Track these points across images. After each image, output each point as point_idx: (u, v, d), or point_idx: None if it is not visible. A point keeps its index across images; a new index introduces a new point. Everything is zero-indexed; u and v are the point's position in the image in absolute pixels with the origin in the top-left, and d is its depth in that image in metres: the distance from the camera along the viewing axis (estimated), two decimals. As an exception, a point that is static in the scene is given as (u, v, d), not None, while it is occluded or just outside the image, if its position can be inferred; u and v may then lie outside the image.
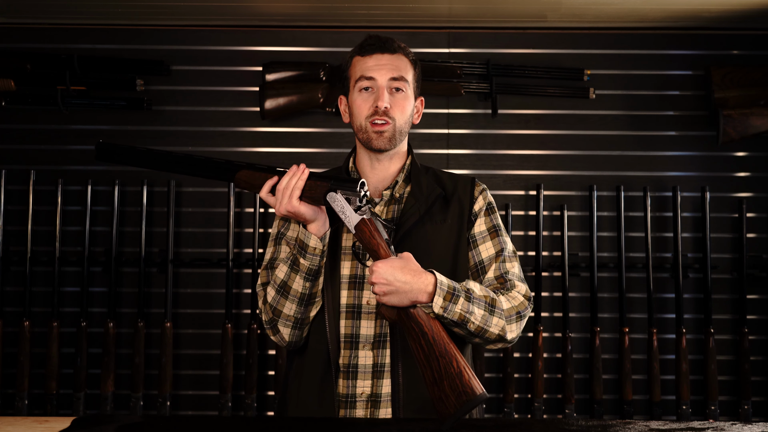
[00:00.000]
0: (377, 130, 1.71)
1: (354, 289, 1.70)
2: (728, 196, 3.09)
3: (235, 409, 3.00)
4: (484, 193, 1.79)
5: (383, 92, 1.72)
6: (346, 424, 1.52)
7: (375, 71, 1.73)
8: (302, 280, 1.64)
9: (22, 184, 3.04)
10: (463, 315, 1.60)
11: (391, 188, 1.77)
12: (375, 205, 1.76)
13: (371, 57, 1.75)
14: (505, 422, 1.56)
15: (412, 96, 1.77)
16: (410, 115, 1.77)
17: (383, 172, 1.78)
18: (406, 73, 1.75)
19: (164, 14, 3.01)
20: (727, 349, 3.05)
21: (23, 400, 2.90)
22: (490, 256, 1.73)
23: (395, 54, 1.75)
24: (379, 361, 1.67)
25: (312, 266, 1.63)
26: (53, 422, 1.56)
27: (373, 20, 3.06)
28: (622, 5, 2.85)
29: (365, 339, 1.68)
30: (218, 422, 1.66)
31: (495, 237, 1.75)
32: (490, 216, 1.77)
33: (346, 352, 1.68)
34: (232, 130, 3.12)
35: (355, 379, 1.67)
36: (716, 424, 1.44)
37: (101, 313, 3.04)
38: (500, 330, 1.64)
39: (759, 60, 3.10)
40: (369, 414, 1.66)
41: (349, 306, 1.69)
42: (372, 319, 1.68)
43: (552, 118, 3.13)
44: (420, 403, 1.64)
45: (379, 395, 1.66)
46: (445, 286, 1.59)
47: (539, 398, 2.94)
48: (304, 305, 1.67)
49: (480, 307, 1.62)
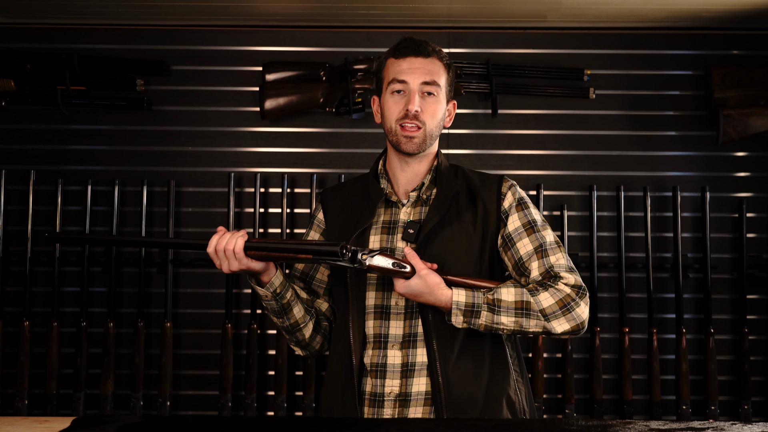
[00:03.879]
0: (407, 135, 1.73)
1: (383, 291, 1.73)
2: (728, 196, 3.09)
3: (235, 409, 3.00)
4: (512, 189, 1.79)
5: (414, 96, 1.73)
6: (346, 424, 1.52)
7: (408, 74, 1.74)
8: (275, 317, 1.76)
9: (22, 184, 3.04)
10: (489, 326, 1.65)
11: (418, 189, 1.79)
12: (403, 206, 1.79)
13: (405, 60, 1.76)
14: (505, 422, 1.56)
15: (444, 100, 1.78)
16: (441, 118, 1.78)
17: (412, 173, 1.80)
18: (438, 77, 1.76)
19: (164, 14, 3.01)
20: (727, 349, 3.05)
21: (23, 400, 2.90)
22: (528, 252, 1.72)
23: (429, 57, 1.76)
24: (409, 360, 1.69)
25: (273, 308, 1.73)
26: (53, 422, 1.56)
27: (373, 20, 3.06)
28: (622, 5, 2.85)
29: (394, 339, 1.70)
30: (218, 422, 1.66)
31: (531, 233, 1.74)
32: (524, 211, 1.76)
33: (374, 352, 1.71)
34: (232, 130, 3.12)
35: (383, 378, 1.69)
36: (716, 424, 1.44)
37: (101, 313, 3.04)
38: (541, 329, 1.66)
39: (759, 60, 3.10)
40: (397, 413, 1.68)
41: (377, 306, 1.72)
42: (401, 319, 1.71)
43: (552, 118, 3.13)
44: (461, 401, 1.67)
45: (409, 394, 1.68)
46: (462, 305, 1.63)
47: (539, 398, 2.93)
48: (290, 333, 1.79)
49: (510, 315, 1.64)
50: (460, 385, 1.67)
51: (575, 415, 2.97)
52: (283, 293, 1.70)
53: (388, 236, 1.76)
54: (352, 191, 1.86)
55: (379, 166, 1.84)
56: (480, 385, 1.70)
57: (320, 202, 1.89)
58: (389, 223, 1.77)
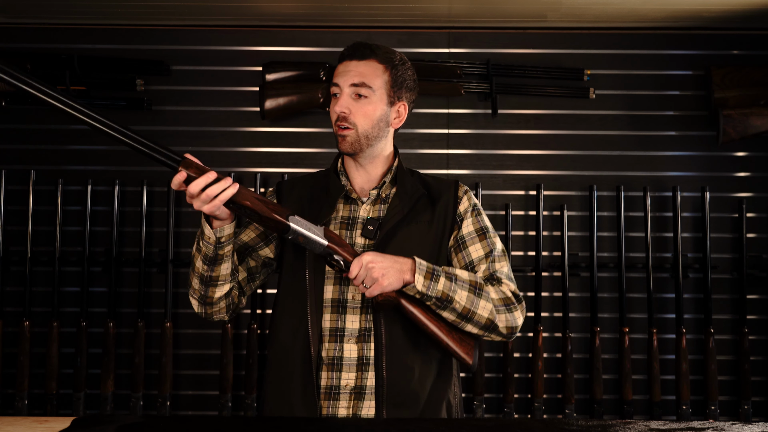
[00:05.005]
0: (339, 134, 1.78)
1: (340, 284, 1.75)
2: (728, 196, 3.09)
3: (235, 409, 3.00)
4: (468, 194, 1.85)
5: (342, 98, 1.77)
6: (347, 423, 1.52)
7: (340, 77, 1.79)
8: (201, 262, 1.71)
9: (22, 184, 3.04)
10: (446, 293, 1.68)
11: (378, 188, 1.82)
12: (363, 203, 1.81)
13: (342, 64, 1.81)
14: (505, 422, 1.56)
15: (381, 101, 1.79)
16: (378, 119, 1.79)
17: (367, 174, 1.83)
18: (371, 78, 1.77)
19: (164, 14, 3.01)
20: (727, 349, 3.05)
21: (23, 400, 2.90)
22: (479, 257, 1.79)
23: (364, 60, 1.78)
24: (364, 354, 1.71)
25: (207, 252, 1.69)
26: (53, 422, 1.56)
27: (373, 20, 3.06)
28: (622, 5, 2.85)
29: (350, 332, 1.72)
30: (218, 422, 1.66)
31: (483, 239, 1.80)
32: (477, 217, 1.83)
33: (330, 345, 1.72)
34: (232, 130, 3.12)
35: (339, 371, 1.71)
36: (716, 424, 1.44)
37: (101, 313, 3.04)
38: (489, 314, 1.71)
39: (759, 60, 3.10)
40: (352, 406, 1.70)
41: (335, 300, 1.74)
42: (357, 313, 1.73)
43: (552, 118, 3.13)
44: (402, 397, 1.69)
45: (364, 387, 1.70)
46: (423, 266, 1.68)
47: (539, 398, 2.94)
48: (204, 284, 1.73)
49: (464, 289, 1.70)
50: (404, 382, 1.69)
51: (575, 415, 2.97)
52: (225, 243, 1.68)
53: (347, 231, 1.78)
54: (309, 185, 1.87)
55: (338, 164, 1.87)
56: (424, 385, 1.72)
57: (275, 192, 1.88)
58: (348, 219, 1.80)
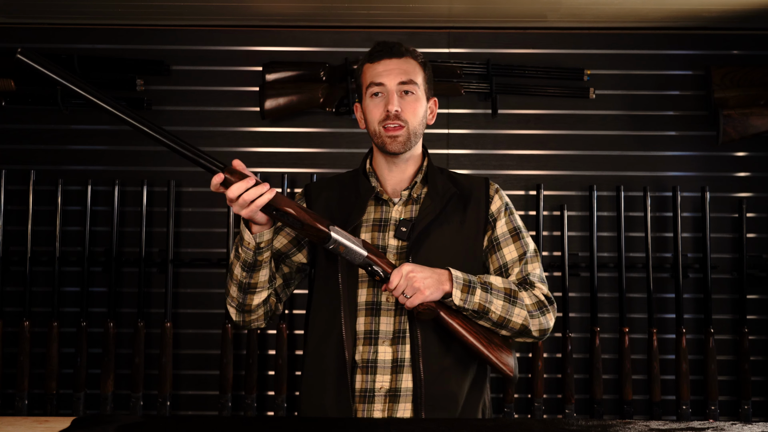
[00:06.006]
0: (390, 135, 1.76)
1: (373, 287, 1.74)
2: (728, 196, 3.09)
3: (235, 409, 3.00)
4: (499, 192, 1.84)
5: (393, 96, 1.76)
6: (346, 423, 1.52)
7: (384, 76, 1.77)
8: (240, 269, 1.70)
9: (22, 184, 3.04)
10: (483, 305, 1.68)
11: (409, 189, 1.81)
12: (394, 204, 1.80)
13: (380, 63, 1.78)
14: (505, 422, 1.56)
15: (424, 97, 1.81)
16: (423, 116, 1.81)
17: (400, 174, 1.82)
18: (415, 75, 1.78)
19: (164, 14, 3.01)
20: (727, 349, 3.05)
21: (23, 400, 2.90)
22: (513, 259, 1.79)
23: (402, 58, 1.79)
24: (398, 356, 1.70)
25: (247, 259, 1.68)
26: (53, 422, 1.56)
27: (373, 20, 3.06)
28: (622, 5, 2.85)
29: (384, 335, 1.71)
30: (218, 422, 1.66)
31: (517, 239, 1.80)
32: (510, 217, 1.82)
33: (365, 348, 1.71)
34: (232, 130, 3.12)
35: (374, 374, 1.70)
36: (716, 424, 1.44)
37: (101, 313, 3.04)
38: (523, 320, 1.72)
39: (759, 60, 3.10)
40: (387, 408, 1.69)
41: (369, 303, 1.73)
42: (391, 315, 1.72)
43: (552, 118, 3.13)
44: (440, 398, 1.68)
45: (399, 390, 1.69)
46: (460, 279, 1.68)
47: (539, 398, 2.94)
48: (242, 292, 1.73)
49: (500, 298, 1.70)
50: (442, 383, 1.69)
51: (575, 415, 2.97)
52: (264, 249, 1.68)
53: (380, 233, 1.77)
54: (338, 187, 1.86)
55: (367, 165, 1.85)
56: (462, 386, 1.72)
57: (304, 195, 1.87)
58: (380, 220, 1.79)
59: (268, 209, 1.63)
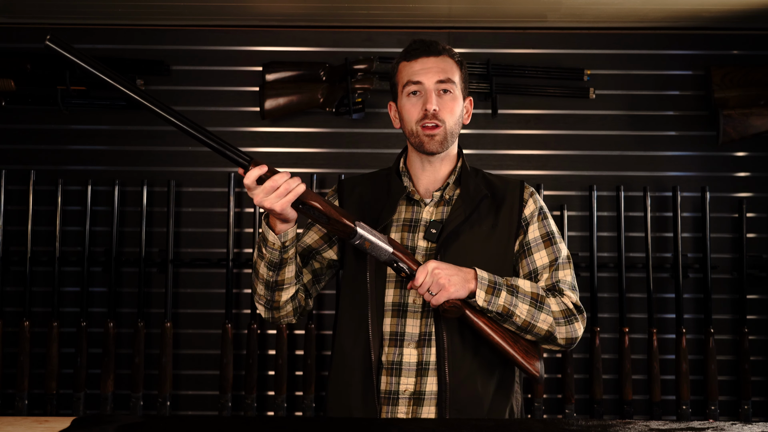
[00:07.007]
0: (428, 134, 1.73)
1: (401, 288, 1.73)
2: (728, 196, 3.09)
3: (235, 409, 3.00)
4: (534, 196, 1.81)
5: (431, 95, 1.73)
6: (346, 423, 1.52)
7: (422, 75, 1.74)
8: (265, 268, 1.70)
9: (22, 184, 3.04)
10: (507, 308, 1.65)
11: (441, 190, 1.79)
12: (425, 205, 1.78)
13: (417, 61, 1.76)
14: (505, 422, 1.56)
15: (461, 97, 1.79)
16: (460, 116, 1.78)
17: (434, 174, 1.79)
18: (452, 74, 1.77)
19: (164, 14, 3.01)
20: (727, 349, 3.05)
21: (23, 400, 2.90)
22: (544, 264, 1.75)
23: (440, 56, 1.77)
24: (423, 359, 1.69)
25: (272, 258, 1.68)
26: (53, 422, 1.56)
27: (373, 20, 3.06)
28: (622, 5, 2.85)
29: (410, 337, 1.70)
30: (218, 422, 1.66)
31: (549, 245, 1.77)
32: (543, 221, 1.79)
33: (390, 350, 1.70)
34: (232, 130, 3.12)
35: (399, 376, 1.69)
36: (716, 424, 1.44)
37: (101, 313, 3.04)
38: (549, 327, 1.68)
39: (759, 60, 3.10)
40: (411, 411, 1.68)
41: (395, 304, 1.72)
42: (417, 317, 1.71)
43: (552, 118, 3.13)
44: (465, 402, 1.67)
45: (423, 393, 1.68)
46: (485, 280, 1.65)
47: (539, 398, 2.93)
48: (270, 290, 1.72)
49: (525, 302, 1.67)
50: (467, 386, 1.67)
51: (575, 415, 2.97)
52: (289, 247, 1.67)
53: (410, 234, 1.75)
54: (371, 185, 1.85)
55: (400, 164, 1.83)
56: (487, 390, 1.70)
57: (336, 191, 1.86)
58: (411, 221, 1.77)
59: (296, 203, 1.62)
